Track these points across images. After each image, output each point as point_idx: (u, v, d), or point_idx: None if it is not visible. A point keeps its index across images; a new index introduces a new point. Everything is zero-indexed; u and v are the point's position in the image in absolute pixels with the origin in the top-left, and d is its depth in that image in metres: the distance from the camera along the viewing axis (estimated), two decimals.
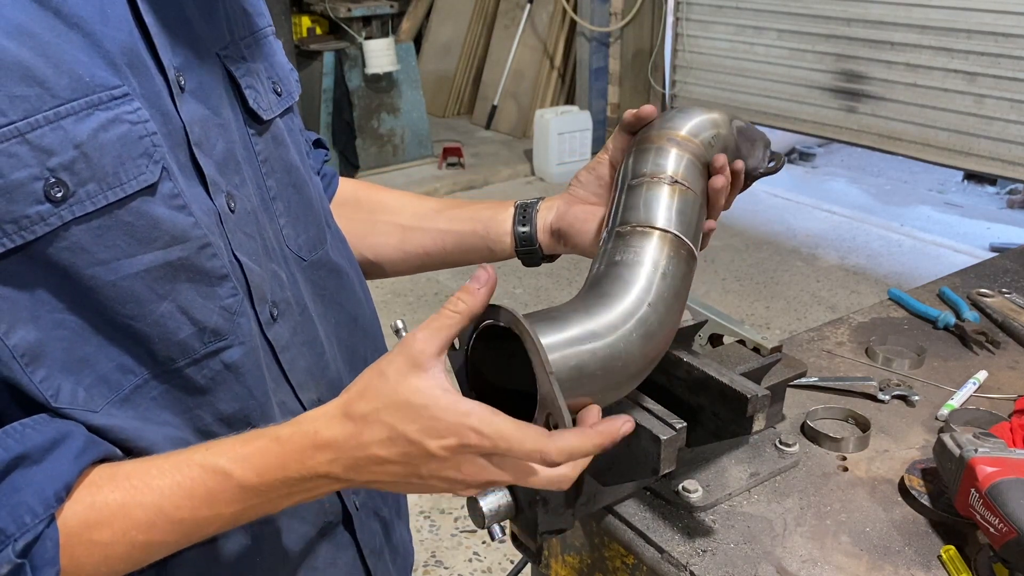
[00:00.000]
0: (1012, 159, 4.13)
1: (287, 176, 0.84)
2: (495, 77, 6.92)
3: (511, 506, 0.83)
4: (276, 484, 0.64)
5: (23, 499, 0.56)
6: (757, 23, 5.17)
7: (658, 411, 0.79)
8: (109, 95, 0.61)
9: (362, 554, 0.90)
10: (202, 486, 0.63)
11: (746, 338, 1.04)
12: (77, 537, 0.59)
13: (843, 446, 1.06)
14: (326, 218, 0.91)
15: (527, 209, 0.98)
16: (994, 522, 0.82)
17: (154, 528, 0.62)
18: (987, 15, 4.05)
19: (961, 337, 1.34)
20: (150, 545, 0.63)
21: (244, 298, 0.72)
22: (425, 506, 2.69)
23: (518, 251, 0.99)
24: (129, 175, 0.62)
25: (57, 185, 0.58)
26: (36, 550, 0.56)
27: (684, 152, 0.85)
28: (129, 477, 0.62)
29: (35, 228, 0.57)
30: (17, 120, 0.56)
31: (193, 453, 0.64)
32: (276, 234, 0.81)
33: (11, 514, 0.55)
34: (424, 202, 1.06)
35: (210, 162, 0.71)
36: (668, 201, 0.82)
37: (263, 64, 0.83)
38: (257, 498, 0.64)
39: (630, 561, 0.94)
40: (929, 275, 3.65)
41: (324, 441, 0.63)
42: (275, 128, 0.83)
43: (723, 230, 4.97)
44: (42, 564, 0.56)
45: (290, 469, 0.64)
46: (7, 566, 0.54)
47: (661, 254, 0.78)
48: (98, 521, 0.60)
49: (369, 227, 1.04)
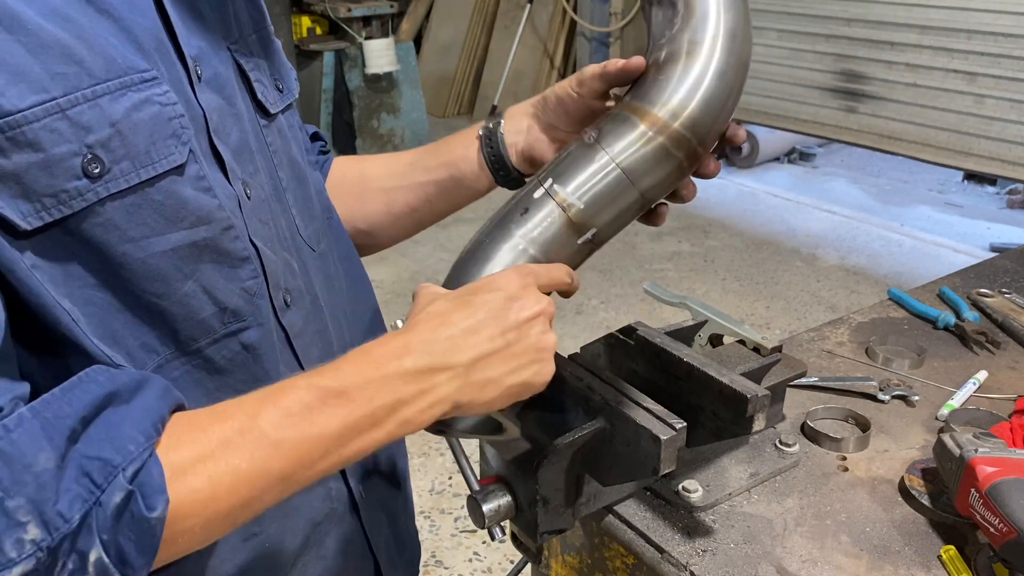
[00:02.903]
0: (1012, 159, 4.12)
1: (292, 169, 0.86)
2: (495, 77, 6.92)
3: (511, 506, 0.84)
4: (376, 385, 0.63)
5: (123, 431, 0.56)
6: (757, 23, 5.16)
7: (658, 411, 0.79)
8: (140, 77, 0.63)
9: (370, 544, 0.91)
10: (298, 403, 0.61)
11: (746, 338, 1.04)
12: (180, 471, 0.57)
13: (843, 446, 1.06)
14: (325, 212, 0.93)
15: (491, 137, 0.97)
16: (994, 522, 0.82)
17: (257, 453, 0.59)
18: (987, 15, 4.05)
19: (961, 337, 1.34)
20: (255, 476, 0.60)
21: (262, 281, 0.74)
22: (425, 506, 2.69)
23: (498, 181, 0.98)
24: (160, 154, 0.64)
25: (94, 161, 0.60)
26: (143, 478, 0.55)
27: (658, 135, 0.81)
28: (218, 412, 0.61)
29: (72, 203, 0.59)
30: (59, 96, 0.58)
31: (278, 384, 0.63)
32: (289, 223, 0.83)
33: (114, 445, 0.55)
34: (399, 159, 1.06)
35: (227, 149, 0.73)
36: (590, 178, 0.81)
37: (267, 61, 0.85)
38: (359, 408, 0.62)
39: (630, 561, 0.94)
40: (929, 275, 3.65)
41: (412, 329, 0.67)
42: (280, 123, 0.86)
43: (723, 230, 4.97)
44: (151, 492, 0.55)
45: (387, 367, 0.64)
46: (120, 493, 0.54)
47: (546, 226, 0.81)
48: (199, 453, 0.58)
49: (357, 198, 1.05)
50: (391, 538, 0.96)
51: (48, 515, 0.52)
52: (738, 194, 5.58)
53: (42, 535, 0.51)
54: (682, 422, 0.77)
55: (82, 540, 0.53)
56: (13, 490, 0.51)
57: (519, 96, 6.73)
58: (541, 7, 6.56)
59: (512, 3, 6.83)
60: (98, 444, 0.55)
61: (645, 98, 0.83)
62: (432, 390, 0.65)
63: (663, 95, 0.81)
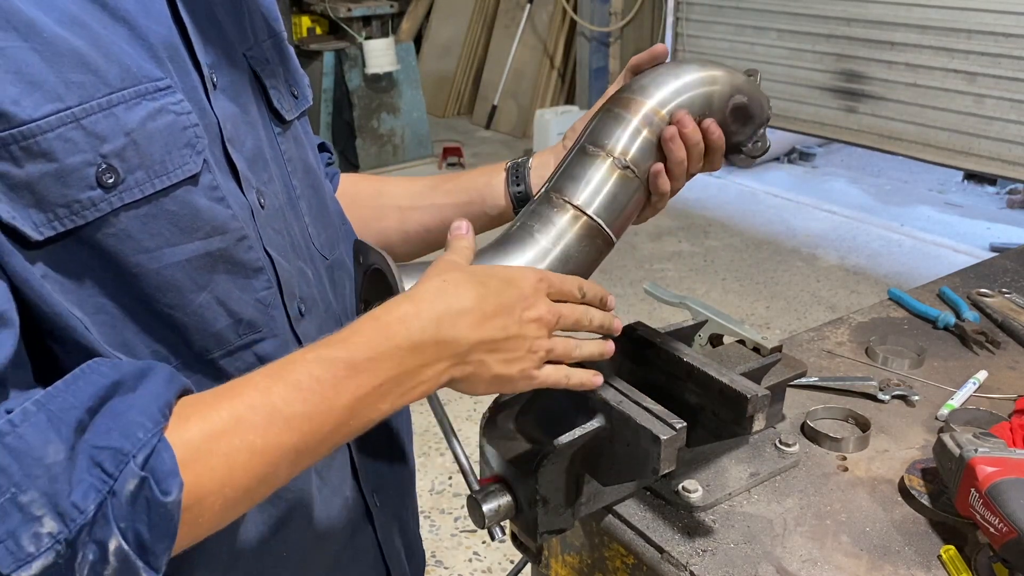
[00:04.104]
0: (1012, 159, 4.12)
1: (307, 177, 0.85)
2: (495, 77, 6.92)
3: (511, 506, 0.84)
4: (382, 357, 0.64)
5: (130, 418, 0.55)
6: (757, 23, 5.17)
7: (658, 411, 0.79)
8: (155, 86, 0.63)
9: (382, 552, 0.91)
10: (308, 376, 0.62)
11: (746, 338, 1.04)
12: (194, 451, 0.57)
13: (843, 446, 1.06)
14: (339, 220, 0.93)
15: (519, 169, 0.99)
16: (994, 522, 0.82)
17: (271, 428, 0.59)
18: (987, 15, 4.05)
19: (961, 337, 1.34)
20: (269, 451, 0.59)
21: (276, 291, 0.74)
22: (425, 506, 2.69)
23: (516, 213, 0.99)
24: (175, 164, 0.63)
25: (109, 171, 0.59)
26: (154, 463, 0.54)
27: (644, 127, 0.85)
28: (227, 390, 0.61)
29: (86, 213, 0.59)
30: (73, 106, 0.57)
31: (287, 358, 0.64)
32: (302, 232, 0.82)
33: (122, 433, 0.54)
34: (419, 181, 1.07)
35: (241, 158, 0.72)
36: (602, 182, 0.84)
37: (281, 67, 0.84)
38: (368, 380, 0.63)
39: (630, 561, 0.94)
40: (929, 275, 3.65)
41: (422, 296, 0.68)
42: (295, 130, 0.85)
43: (723, 230, 4.97)
44: (163, 476, 0.54)
45: (395, 336, 0.65)
46: (133, 481, 0.53)
47: (570, 233, 0.83)
48: (211, 432, 0.58)
49: (370, 213, 1.05)
50: (402, 547, 0.96)
51: (63, 507, 0.51)
52: (738, 194, 5.57)
53: (59, 527, 0.51)
54: (682, 422, 0.77)
55: (99, 530, 0.52)
56: (25, 484, 0.50)
57: (519, 96, 6.74)
58: (541, 7, 6.55)
59: (512, 3, 6.83)
60: (106, 433, 0.54)
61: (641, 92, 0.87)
62: (433, 364, 0.67)
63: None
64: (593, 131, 0.87)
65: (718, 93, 0.87)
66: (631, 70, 0.93)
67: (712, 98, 0.87)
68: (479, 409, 3.15)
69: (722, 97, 0.87)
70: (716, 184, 5.67)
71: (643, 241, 4.79)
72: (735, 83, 0.88)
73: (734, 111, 0.89)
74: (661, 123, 0.85)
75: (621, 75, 0.94)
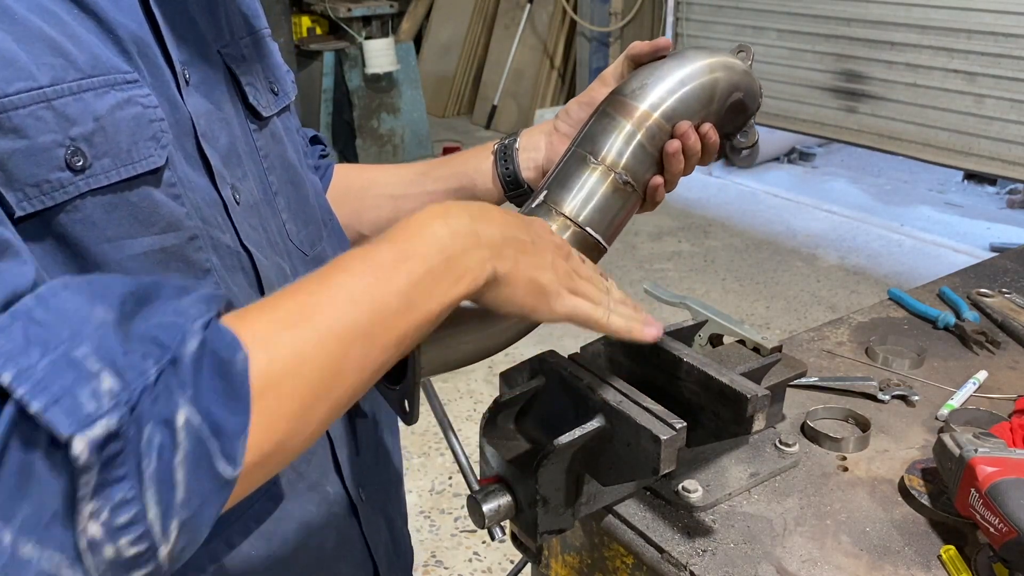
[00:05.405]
0: (1012, 159, 4.12)
1: (286, 173, 0.86)
2: (495, 77, 6.92)
3: (511, 506, 0.84)
4: (425, 242, 0.62)
5: (180, 305, 0.51)
6: (757, 23, 5.17)
7: (658, 411, 0.79)
8: (123, 77, 0.63)
9: (369, 548, 0.91)
10: (360, 262, 0.60)
11: (746, 338, 1.04)
12: (258, 335, 0.53)
13: (843, 446, 1.06)
14: (323, 216, 0.93)
15: (506, 151, 0.99)
16: (994, 522, 0.82)
17: (335, 306, 0.56)
18: (987, 15, 4.05)
19: (961, 337, 1.34)
20: (338, 329, 0.56)
21: (254, 291, 0.74)
22: (425, 506, 2.69)
23: (508, 196, 0.99)
24: (140, 155, 0.64)
25: (77, 154, 0.59)
26: (212, 334, 0.50)
27: (641, 135, 0.85)
28: (279, 295, 0.58)
29: (55, 194, 0.59)
30: (45, 86, 0.58)
31: (329, 264, 0.61)
32: (279, 228, 0.82)
33: (176, 311, 0.51)
34: (409, 168, 1.07)
35: (215, 154, 0.73)
36: (592, 191, 0.84)
37: (260, 64, 0.85)
38: (417, 266, 0.61)
39: (630, 561, 0.94)
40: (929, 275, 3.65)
41: (443, 206, 0.66)
42: (273, 126, 0.85)
43: (723, 230, 4.97)
44: (225, 345, 0.50)
45: (431, 224, 0.63)
46: (194, 341, 0.49)
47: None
48: (273, 319, 0.55)
49: (362, 204, 1.05)
50: (389, 543, 0.96)
51: (120, 364, 0.46)
52: (738, 194, 5.57)
53: (119, 385, 0.45)
54: (682, 422, 0.77)
55: (163, 403, 0.47)
56: (76, 340, 0.45)
57: (519, 96, 6.73)
58: (541, 7, 6.55)
59: (512, 3, 6.83)
60: (157, 314, 0.50)
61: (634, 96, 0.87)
62: (473, 250, 0.64)
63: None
64: (588, 136, 0.87)
65: (718, 93, 0.87)
66: (630, 59, 0.92)
67: (712, 99, 0.87)
68: (479, 409, 3.15)
69: (722, 97, 0.87)
70: (716, 184, 5.67)
71: (643, 241, 4.79)
72: (733, 80, 0.88)
73: (731, 107, 0.89)
74: (658, 129, 0.85)
75: (619, 60, 0.93)
